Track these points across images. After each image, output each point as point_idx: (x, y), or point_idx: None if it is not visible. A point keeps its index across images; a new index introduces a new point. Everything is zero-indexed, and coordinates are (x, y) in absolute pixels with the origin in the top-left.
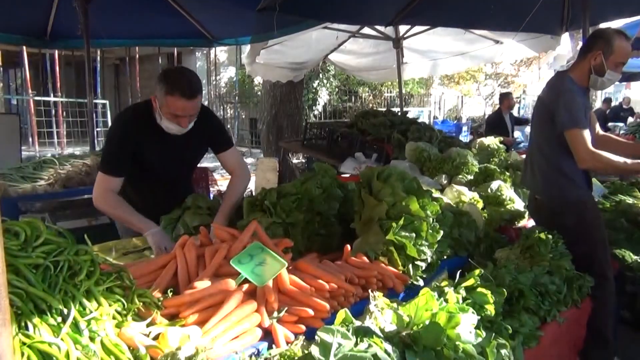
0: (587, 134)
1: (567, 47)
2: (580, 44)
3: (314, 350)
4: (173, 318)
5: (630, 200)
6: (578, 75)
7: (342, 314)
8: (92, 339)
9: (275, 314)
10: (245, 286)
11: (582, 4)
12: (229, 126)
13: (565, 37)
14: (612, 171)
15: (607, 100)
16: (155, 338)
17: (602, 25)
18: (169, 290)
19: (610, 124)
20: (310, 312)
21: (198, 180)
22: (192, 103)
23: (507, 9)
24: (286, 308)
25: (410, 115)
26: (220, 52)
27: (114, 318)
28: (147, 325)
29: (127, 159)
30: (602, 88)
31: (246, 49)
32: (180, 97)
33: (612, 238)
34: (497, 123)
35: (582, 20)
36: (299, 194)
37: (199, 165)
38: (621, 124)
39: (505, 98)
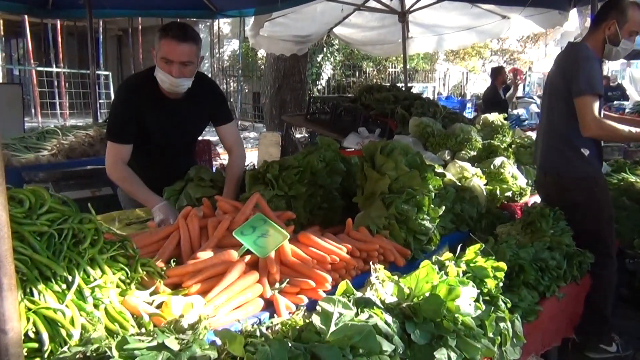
0: (597, 102)
1: (574, 23)
2: (589, 20)
3: (315, 319)
4: (176, 288)
5: (632, 179)
6: (592, 45)
7: (344, 285)
8: (96, 306)
9: (277, 285)
10: (248, 257)
11: None
12: (231, 100)
13: (574, 13)
14: (617, 139)
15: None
16: (159, 307)
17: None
18: (171, 261)
19: (615, 102)
20: (312, 283)
21: (201, 153)
22: (182, 47)
23: None
24: (288, 279)
25: (414, 90)
26: (224, 25)
27: (117, 286)
28: (151, 294)
29: (132, 125)
30: (616, 58)
31: (250, 21)
32: (172, 38)
33: (614, 216)
34: (495, 99)
35: None
36: (301, 166)
37: (201, 138)
38: (626, 102)
39: (499, 73)
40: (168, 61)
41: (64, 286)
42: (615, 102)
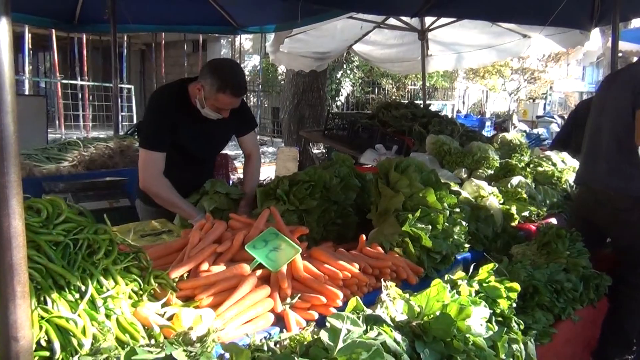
0: None
1: (597, 43)
2: (610, 40)
3: (323, 335)
4: (188, 300)
5: None
6: None
7: (354, 301)
8: (108, 316)
9: (288, 300)
10: (260, 271)
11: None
12: None
13: (596, 32)
14: None
15: None
16: (170, 319)
17: (634, 21)
18: (185, 273)
19: None
20: (323, 299)
21: (218, 166)
22: (239, 99)
23: (535, 2)
24: (299, 294)
25: (433, 108)
26: (245, 40)
27: (129, 297)
28: (162, 306)
29: (168, 133)
30: None
31: (271, 37)
32: (232, 95)
33: None
34: None
35: (612, 15)
36: (312, 181)
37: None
38: None
39: None
40: (222, 108)
41: (77, 296)
42: None
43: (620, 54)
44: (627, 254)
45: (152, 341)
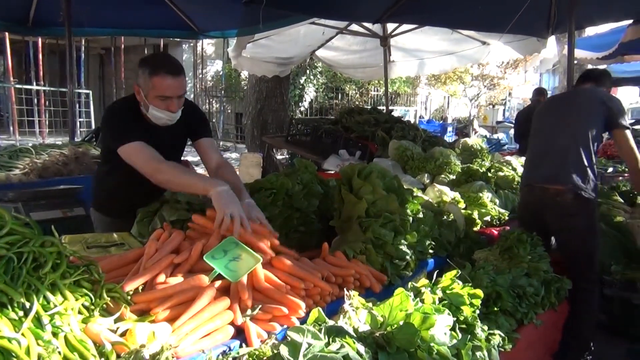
0: None
1: (553, 50)
2: (566, 47)
3: (283, 350)
4: (144, 315)
5: (609, 205)
6: None
7: (315, 312)
8: (55, 335)
9: (248, 312)
10: (219, 282)
11: (569, 8)
12: (214, 120)
13: (552, 40)
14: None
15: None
16: (123, 335)
17: (589, 29)
18: (140, 286)
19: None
20: (285, 310)
21: None
22: (178, 81)
23: (494, 10)
24: (260, 306)
25: (396, 114)
26: (208, 45)
27: (80, 313)
28: (115, 321)
29: (135, 126)
30: None
31: (233, 42)
32: (166, 74)
33: None
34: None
35: (568, 24)
36: (275, 188)
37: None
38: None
39: (541, 94)
40: (165, 98)
41: (20, 313)
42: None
43: (575, 62)
44: (576, 259)
45: None
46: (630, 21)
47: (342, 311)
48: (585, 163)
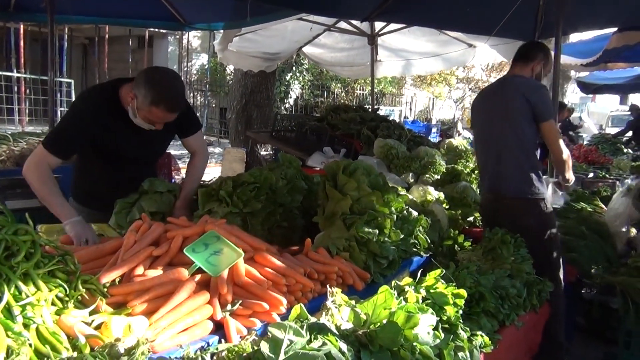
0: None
1: None
2: (552, 53)
3: (264, 346)
4: (121, 307)
5: (590, 209)
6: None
7: (298, 309)
8: (26, 326)
9: (228, 307)
10: (199, 276)
11: (556, 14)
12: (198, 114)
13: None
14: (564, 166)
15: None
16: (98, 327)
17: (574, 36)
18: (117, 278)
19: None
20: (266, 306)
21: (160, 166)
22: (174, 115)
23: (481, 13)
24: (240, 301)
25: (381, 113)
26: (193, 38)
27: (54, 304)
28: (91, 314)
29: (78, 143)
30: None
31: (219, 35)
32: (165, 109)
33: (573, 245)
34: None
35: (555, 29)
36: (258, 182)
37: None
38: (584, 135)
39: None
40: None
41: None
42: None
43: (560, 67)
44: (534, 259)
45: (76, 353)
46: (615, 29)
47: (325, 308)
48: (524, 166)
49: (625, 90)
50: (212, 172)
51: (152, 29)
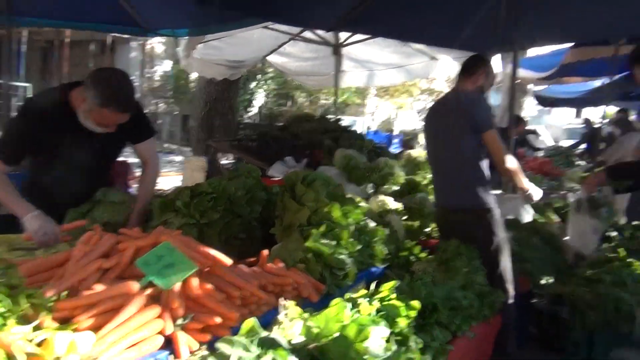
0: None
1: (498, 68)
2: (510, 66)
3: None
4: (68, 322)
5: (543, 220)
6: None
7: (249, 323)
8: None
9: (179, 321)
10: (150, 290)
11: (513, 29)
12: (160, 121)
13: (497, 58)
14: (512, 176)
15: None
16: (41, 344)
17: (532, 50)
18: (64, 292)
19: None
20: (218, 319)
21: (116, 175)
22: (125, 115)
23: (443, 26)
24: (192, 315)
25: (344, 123)
26: (157, 44)
27: None
28: (34, 329)
29: (25, 149)
30: None
31: (184, 42)
32: (116, 111)
33: (525, 256)
34: None
35: (512, 44)
36: (215, 193)
37: (119, 159)
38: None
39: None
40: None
41: None
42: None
43: (517, 80)
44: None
45: None
46: (571, 44)
47: (277, 322)
48: (470, 178)
49: (580, 104)
50: (172, 181)
51: (114, 34)
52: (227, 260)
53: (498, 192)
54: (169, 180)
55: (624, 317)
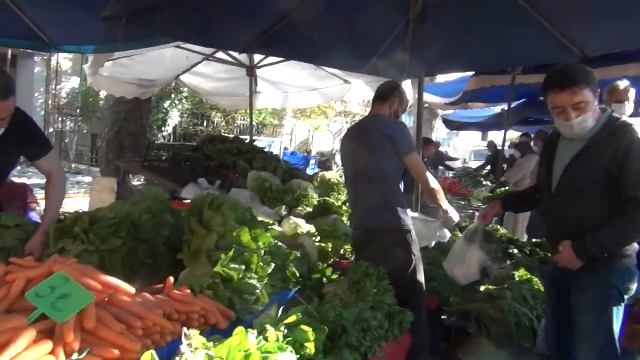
0: None
1: (409, 92)
2: (416, 91)
3: None
4: None
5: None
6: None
7: (147, 356)
8: None
9: (74, 356)
10: (43, 323)
11: (419, 57)
12: (66, 140)
13: (407, 83)
14: (435, 196)
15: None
16: None
17: (440, 76)
18: None
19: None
20: (116, 352)
21: (13, 198)
22: (5, 104)
23: (355, 51)
24: (88, 349)
25: (261, 144)
26: (64, 60)
27: None
28: None
29: None
30: None
31: (91, 58)
32: None
33: (433, 274)
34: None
35: (419, 70)
36: (118, 218)
37: (18, 180)
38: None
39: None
40: None
41: None
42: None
43: (426, 105)
44: (399, 288)
45: None
46: (472, 72)
47: (179, 353)
48: (388, 199)
49: (484, 127)
50: (80, 203)
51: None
52: (129, 288)
53: (415, 214)
54: (76, 202)
55: (525, 331)
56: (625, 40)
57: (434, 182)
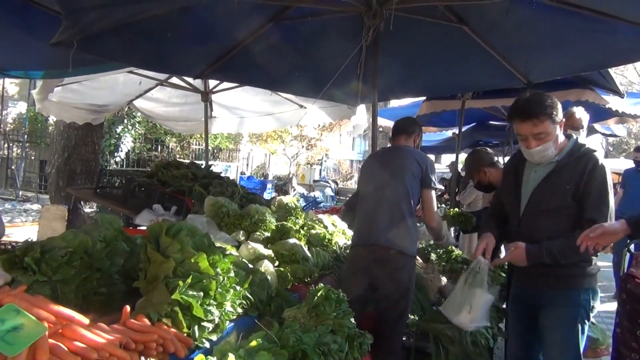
0: None
1: (364, 117)
2: (370, 117)
3: None
4: None
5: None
6: None
7: None
8: None
9: None
10: None
11: (372, 83)
12: (13, 167)
13: (362, 108)
14: (438, 234)
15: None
16: None
17: (392, 102)
18: None
19: None
20: None
21: None
22: None
23: (309, 77)
24: None
25: (217, 169)
26: (10, 85)
27: None
28: None
29: None
30: None
31: (39, 83)
32: None
33: None
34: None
35: (372, 96)
36: (71, 246)
37: None
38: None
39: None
40: None
41: None
42: None
43: (380, 129)
44: (393, 311)
45: None
46: (424, 98)
47: None
48: (410, 224)
49: (438, 150)
50: (28, 232)
51: None
52: (83, 319)
53: None
54: (24, 231)
55: (482, 351)
56: (565, 69)
57: (439, 220)
